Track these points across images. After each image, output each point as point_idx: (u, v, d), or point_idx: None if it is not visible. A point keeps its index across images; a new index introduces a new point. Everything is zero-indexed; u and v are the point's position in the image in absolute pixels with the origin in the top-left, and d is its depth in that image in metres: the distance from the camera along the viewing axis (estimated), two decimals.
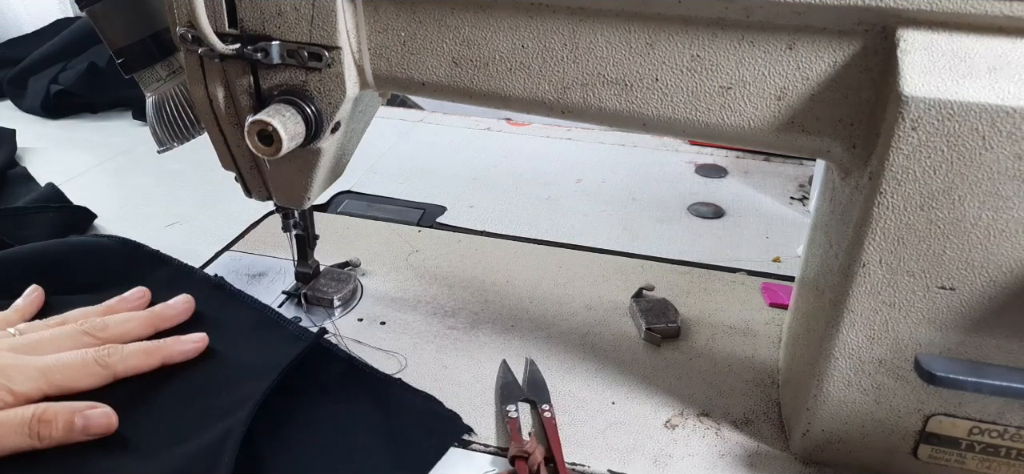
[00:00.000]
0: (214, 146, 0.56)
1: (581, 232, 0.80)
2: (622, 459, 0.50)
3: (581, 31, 0.44)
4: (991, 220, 0.38)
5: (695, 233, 0.80)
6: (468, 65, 0.47)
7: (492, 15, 0.45)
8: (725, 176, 0.94)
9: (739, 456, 0.50)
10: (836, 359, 0.44)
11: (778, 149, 0.46)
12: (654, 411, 0.54)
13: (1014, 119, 0.35)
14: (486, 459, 0.50)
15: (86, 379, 0.47)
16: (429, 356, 0.59)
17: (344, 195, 0.86)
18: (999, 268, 0.39)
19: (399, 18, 0.47)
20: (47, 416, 0.43)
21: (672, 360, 0.59)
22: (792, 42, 0.40)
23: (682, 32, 0.42)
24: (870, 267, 0.41)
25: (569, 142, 1.05)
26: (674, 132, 0.46)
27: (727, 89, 0.42)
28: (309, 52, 0.47)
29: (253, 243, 0.75)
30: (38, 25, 1.29)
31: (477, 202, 0.86)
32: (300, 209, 0.60)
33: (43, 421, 0.43)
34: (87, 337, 0.50)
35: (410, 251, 0.74)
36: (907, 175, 0.38)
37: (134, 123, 1.09)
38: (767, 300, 0.67)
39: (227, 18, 0.48)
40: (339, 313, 0.64)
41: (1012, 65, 0.36)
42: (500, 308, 0.66)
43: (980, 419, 0.44)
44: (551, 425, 0.51)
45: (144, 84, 0.58)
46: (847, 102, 0.40)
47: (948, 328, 0.41)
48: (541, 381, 0.56)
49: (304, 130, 0.48)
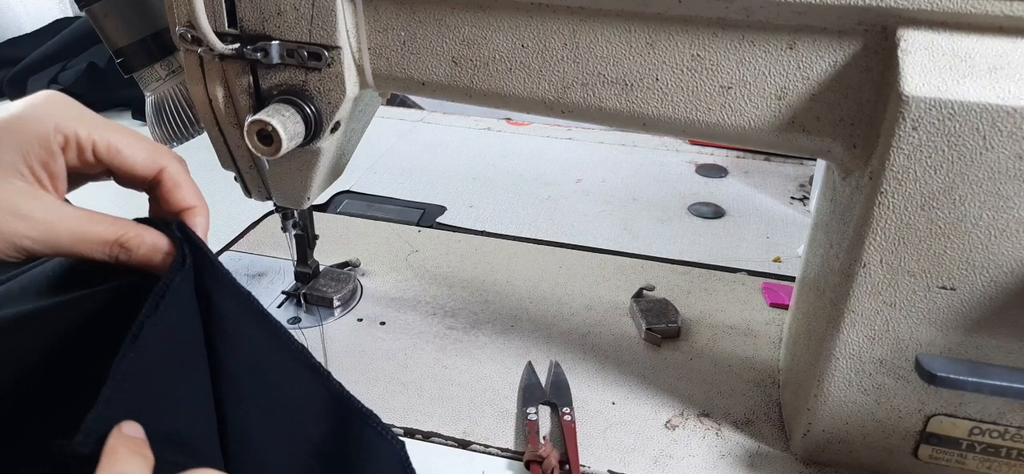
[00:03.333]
0: (213, 146, 0.56)
1: (581, 232, 0.80)
2: (622, 459, 0.50)
3: (581, 31, 0.44)
4: (992, 220, 0.38)
5: (695, 233, 0.80)
6: (468, 65, 0.47)
7: (492, 15, 0.45)
8: (725, 176, 0.94)
9: (739, 456, 0.50)
10: (837, 359, 0.44)
11: (779, 149, 0.46)
12: (654, 411, 0.54)
13: (1015, 119, 0.35)
14: (502, 463, 0.50)
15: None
16: (429, 356, 0.59)
17: (344, 195, 0.86)
18: (1000, 268, 0.39)
19: (399, 18, 0.47)
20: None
21: (672, 360, 0.59)
22: (792, 42, 0.40)
23: (682, 32, 0.42)
24: (871, 267, 0.41)
25: (569, 142, 1.05)
26: (674, 132, 0.46)
27: (727, 89, 0.42)
28: (309, 52, 0.47)
29: (253, 243, 0.75)
30: (38, 25, 1.29)
31: (477, 202, 0.86)
32: (300, 209, 0.60)
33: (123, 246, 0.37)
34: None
35: (410, 251, 0.74)
36: (908, 175, 0.38)
37: (134, 123, 1.10)
38: (767, 300, 0.67)
39: (227, 18, 0.48)
40: (339, 313, 0.64)
41: (1012, 65, 0.36)
42: (500, 308, 0.65)
43: (981, 419, 0.44)
44: (569, 428, 0.51)
45: (144, 84, 0.57)
46: (847, 102, 0.40)
47: (949, 328, 0.41)
48: (565, 384, 0.56)
49: (304, 130, 0.48)
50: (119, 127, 0.37)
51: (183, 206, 0.38)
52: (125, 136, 0.37)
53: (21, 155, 0.34)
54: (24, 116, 0.35)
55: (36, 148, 0.34)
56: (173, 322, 0.34)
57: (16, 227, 0.34)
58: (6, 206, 0.33)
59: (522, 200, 0.87)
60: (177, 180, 0.38)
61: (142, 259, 0.36)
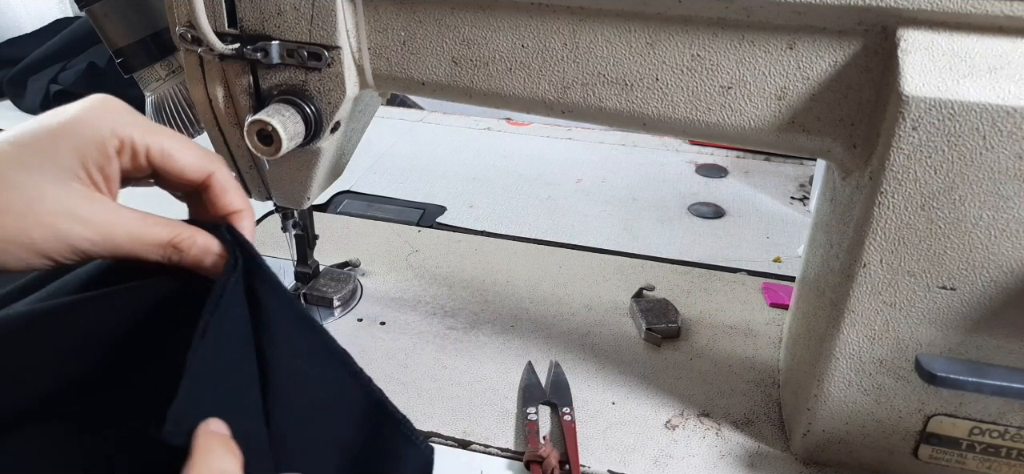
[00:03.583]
0: (213, 146, 0.56)
1: (581, 232, 0.80)
2: (622, 459, 0.50)
3: (581, 31, 0.44)
4: (992, 220, 0.38)
5: (695, 233, 0.80)
6: (468, 65, 0.47)
7: (492, 15, 0.45)
8: (725, 176, 0.94)
9: (739, 456, 0.50)
10: (837, 359, 0.44)
11: (779, 149, 0.46)
12: (654, 411, 0.54)
13: (1015, 119, 0.35)
14: (502, 463, 0.50)
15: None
16: (429, 356, 0.59)
17: (344, 195, 0.86)
18: (1000, 268, 0.39)
19: (399, 18, 0.47)
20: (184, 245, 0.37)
21: (672, 360, 0.59)
22: (792, 42, 0.40)
23: (682, 32, 0.42)
24: (871, 267, 0.41)
25: (569, 142, 1.05)
26: (674, 132, 0.46)
27: (727, 89, 0.42)
28: (309, 52, 0.47)
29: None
30: (38, 25, 1.29)
31: (477, 202, 0.86)
32: (300, 209, 0.60)
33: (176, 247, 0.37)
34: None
35: (410, 251, 0.74)
36: (908, 175, 0.38)
37: None
38: (768, 300, 0.67)
39: (227, 18, 0.48)
40: (339, 313, 0.64)
41: (1012, 65, 0.36)
42: (500, 308, 0.65)
43: (981, 419, 0.44)
44: (570, 428, 0.51)
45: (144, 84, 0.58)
46: (847, 102, 0.40)
47: (949, 328, 0.41)
48: (565, 384, 0.56)
49: (304, 130, 0.48)
50: (170, 132, 0.38)
51: (232, 209, 0.39)
52: (177, 141, 0.38)
53: (78, 158, 0.34)
54: (81, 119, 0.35)
55: (93, 152, 0.35)
56: (231, 322, 0.35)
57: (75, 230, 0.34)
58: (65, 209, 0.34)
59: (522, 200, 0.87)
60: (226, 185, 0.39)
61: (193, 260, 0.37)
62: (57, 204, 0.34)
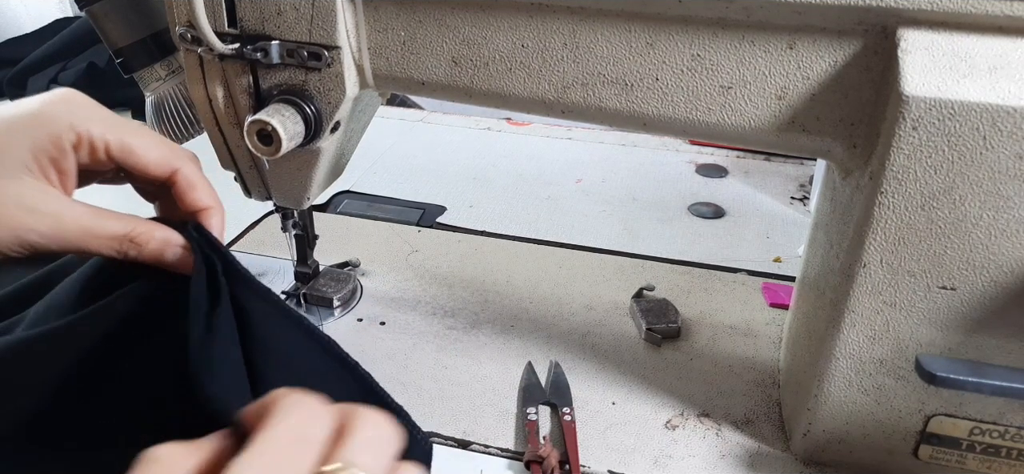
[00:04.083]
0: (213, 146, 0.56)
1: (581, 232, 0.80)
2: (622, 459, 0.50)
3: (581, 31, 0.44)
4: (992, 220, 0.38)
5: (695, 233, 0.80)
6: (468, 65, 0.47)
7: (492, 15, 0.45)
8: (725, 176, 0.94)
9: (740, 456, 0.50)
10: (837, 359, 0.44)
11: (779, 149, 0.46)
12: (654, 411, 0.54)
13: (1015, 119, 0.35)
14: (502, 463, 0.50)
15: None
16: (429, 356, 0.59)
17: (344, 195, 0.86)
18: (1000, 268, 0.39)
19: (399, 18, 0.47)
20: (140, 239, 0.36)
21: (672, 360, 0.59)
22: (792, 42, 0.40)
23: (682, 32, 0.42)
24: (871, 267, 0.41)
25: (569, 142, 1.05)
26: (674, 132, 0.46)
27: (727, 89, 0.42)
28: (309, 52, 0.47)
29: (252, 243, 0.75)
30: (38, 25, 1.29)
31: (477, 202, 0.86)
32: (300, 209, 0.60)
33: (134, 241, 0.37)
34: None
35: (410, 251, 0.74)
36: (908, 175, 0.38)
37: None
38: (768, 300, 0.67)
39: (227, 18, 0.48)
40: (339, 313, 0.64)
41: (1012, 65, 0.36)
42: (500, 308, 0.65)
43: (981, 419, 0.44)
44: (570, 429, 0.51)
45: (144, 84, 0.58)
46: (847, 102, 0.40)
47: (949, 328, 0.41)
48: (564, 384, 0.56)
49: (304, 130, 0.48)
50: (135, 127, 0.37)
51: (198, 207, 0.38)
52: (140, 136, 0.37)
53: (31, 151, 0.34)
54: (39, 113, 0.35)
55: (47, 145, 0.34)
56: (224, 318, 0.35)
57: (24, 220, 0.34)
58: (13, 200, 0.34)
59: (522, 200, 0.87)
60: (192, 181, 0.38)
61: (153, 254, 0.36)
62: (5, 195, 0.33)
